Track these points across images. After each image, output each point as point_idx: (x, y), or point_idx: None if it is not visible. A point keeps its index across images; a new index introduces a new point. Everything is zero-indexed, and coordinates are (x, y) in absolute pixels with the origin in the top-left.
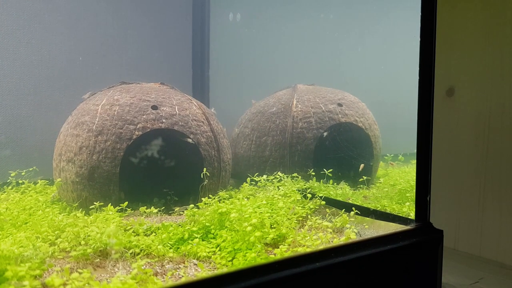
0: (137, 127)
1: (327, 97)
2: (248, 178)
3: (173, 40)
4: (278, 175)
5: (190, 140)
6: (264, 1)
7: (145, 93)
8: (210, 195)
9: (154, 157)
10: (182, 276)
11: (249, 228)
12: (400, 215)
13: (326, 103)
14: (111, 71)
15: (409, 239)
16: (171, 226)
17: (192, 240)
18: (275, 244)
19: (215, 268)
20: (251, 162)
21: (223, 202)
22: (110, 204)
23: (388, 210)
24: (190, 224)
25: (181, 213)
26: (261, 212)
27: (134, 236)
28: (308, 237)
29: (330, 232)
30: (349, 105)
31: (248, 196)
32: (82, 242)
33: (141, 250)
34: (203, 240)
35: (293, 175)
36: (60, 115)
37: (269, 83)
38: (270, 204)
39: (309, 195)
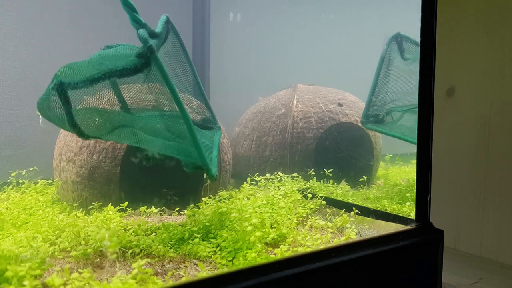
0: None
1: (327, 97)
2: (249, 178)
3: None
4: (279, 175)
5: None
6: (264, 1)
7: None
8: (211, 195)
9: (155, 157)
10: (183, 276)
11: (249, 228)
12: (400, 215)
13: (327, 103)
14: None
15: (409, 239)
16: (171, 226)
17: (192, 240)
18: (275, 244)
19: (215, 268)
20: (251, 162)
21: (224, 202)
22: (110, 204)
23: (388, 210)
24: (190, 224)
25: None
26: (261, 212)
27: (134, 236)
28: (309, 237)
29: (331, 232)
30: (350, 105)
31: (248, 196)
32: (82, 242)
33: (141, 250)
34: (203, 240)
35: (293, 175)
36: None
37: (269, 83)
38: (271, 204)
39: (309, 195)
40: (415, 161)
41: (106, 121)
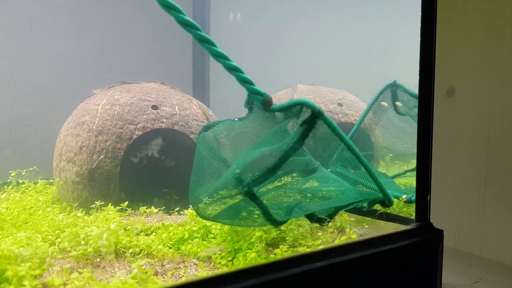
0: (138, 126)
1: (327, 97)
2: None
3: (173, 40)
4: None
5: (192, 136)
6: (264, 1)
7: (146, 93)
8: None
9: (155, 156)
10: (183, 276)
11: None
12: (400, 215)
13: (326, 103)
14: (111, 71)
15: (409, 239)
16: (171, 226)
17: (192, 240)
18: (275, 244)
19: (215, 268)
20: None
21: None
22: (110, 204)
23: (388, 210)
24: (190, 224)
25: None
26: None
27: (135, 236)
28: (308, 237)
29: (331, 232)
30: (349, 105)
31: None
32: (82, 242)
33: (141, 250)
34: (203, 240)
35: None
36: (60, 115)
37: (269, 83)
38: None
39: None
40: (415, 161)
41: (289, 197)
